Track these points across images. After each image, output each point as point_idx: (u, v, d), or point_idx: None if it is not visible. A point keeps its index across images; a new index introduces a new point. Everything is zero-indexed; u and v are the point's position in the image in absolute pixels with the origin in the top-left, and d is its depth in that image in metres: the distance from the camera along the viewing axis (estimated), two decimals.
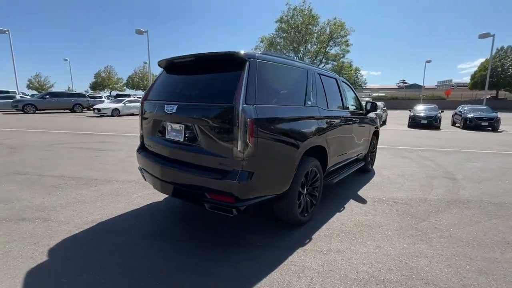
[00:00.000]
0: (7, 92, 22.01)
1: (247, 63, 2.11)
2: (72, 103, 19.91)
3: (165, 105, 2.45)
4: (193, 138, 2.27)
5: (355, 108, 4.31)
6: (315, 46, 19.02)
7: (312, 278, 1.96)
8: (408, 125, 14.93)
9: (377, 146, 5.54)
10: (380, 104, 16.29)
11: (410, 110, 16.01)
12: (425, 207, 3.39)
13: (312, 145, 2.71)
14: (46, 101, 18.69)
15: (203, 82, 2.38)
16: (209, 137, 2.15)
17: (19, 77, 70.29)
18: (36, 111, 18.07)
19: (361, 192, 3.90)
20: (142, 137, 2.87)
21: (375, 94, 45.98)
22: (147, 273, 1.95)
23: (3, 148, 6.27)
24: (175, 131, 2.41)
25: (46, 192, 3.50)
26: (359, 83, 31.67)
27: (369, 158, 4.93)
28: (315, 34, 18.33)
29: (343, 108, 3.65)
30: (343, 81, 3.97)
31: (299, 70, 2.76)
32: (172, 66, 2.63)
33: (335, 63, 20.28)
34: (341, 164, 3.71)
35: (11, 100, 18.44)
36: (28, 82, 44.29)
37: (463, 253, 2.33)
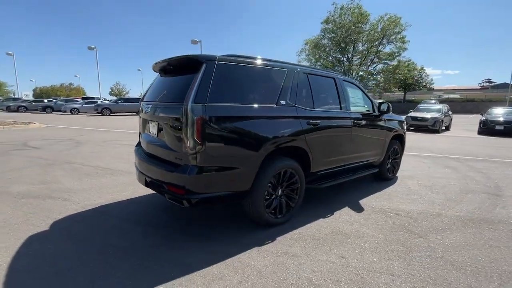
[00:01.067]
0: (93, 98, 26.86)
1: (204, 65, 2.24)
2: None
3: (147, 105, 2.77)
4: (161, 134, 2.51)
5: (364, 109, 3.97)
6: (365, 45, 17.71)
7: (249, 275, 1.95)
8: (478, 131, 12.64)
9: (417, 154, 4.94)
10: (441, 106, 14.21)
11: (482, 114, 13.52)
12: (432, 223, 2.93)
13: (284, 146, 2.66)
14: (119, 105, 22.12)
15: (172, 83, 2.61)
16: (169, 133, 2.35)
17: (105, 85, 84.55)
18: (111, 114, 21.53)
19: (364, 200, 3.57)
20: (139, 134, 3.27)
21: (446, 96, 39.86)
22: (114, 247, 2.25)
23: (71, 143, 7.75)
24: (152, 128, 2.70)
25: (78, 178, 4.26)
26: (423, 84, 28.11)
27: (387, 165, 4.45)
28: (365, 33, 17.07)
29: (341, 109, 3.42)
30: (345, 81, 3.72)
31: (273, 70, 2.74)
32: (158, 69, 2.94)
33: (389, 62, 18.42)
34: (338, 169, 3.47)
35: (94, 105, 22.52)
36: (110, 89, 53.55)
37: (443, 279, 1.97)
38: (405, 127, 4.94)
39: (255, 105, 2.47)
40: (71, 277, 1.90)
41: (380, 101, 4.29)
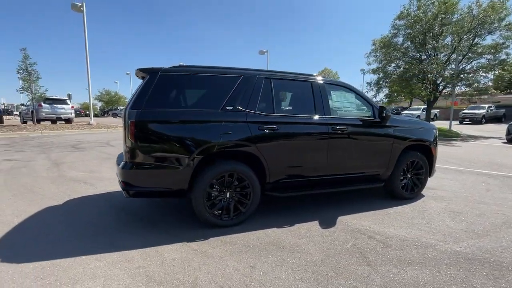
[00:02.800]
0: None
1: (147, 76, 2.60)
2: None
3: None
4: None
5: (356, 115, 3.52)
6: (453, 39, 14.55)
7: (151, 264, 2.13)
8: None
9: (488, 172, 4.00)
10: None
11: None
12: (407, 253, 2.38)
13: (227, 150, 2.72)
14: None
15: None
16: (123, 135, 2.80)
17: None
18: None
19: (346, 217, 3.15)
20: None
21: None
22: (90, 224, 2.84)
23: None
24: None
25: (111, 169, 5.33)
26: None
27: (401, 181, 3.74)
28: (452, 24, 14.00)
29: (316, 115, 3.15)
30: (331, 84, 3.41)
31: (222, 77, 2.84)
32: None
33: (489, 56, 14.41)
34: (315, 179, 3.20)
35: None
36: None
37: None
38: (435, 137, 4.01)
39: (194, 110, 2.66)
40: (52, 236, 2.54)
41: (381, 105, 3.67)
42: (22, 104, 17.92)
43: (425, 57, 15.77)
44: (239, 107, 2.81)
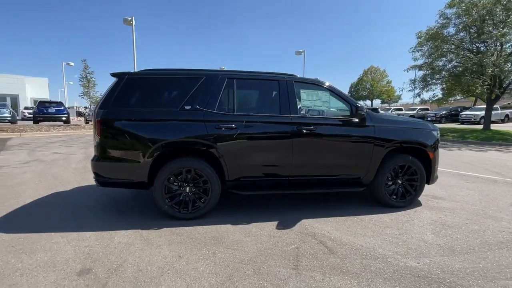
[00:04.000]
0: None
1: (115, 80, 2.93)
2: None
3: None
4: None
5: (329, 114, 3.33)
6: None
7: (96, 245, 2.42)
8: None
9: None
10: None
11: None
12: (353, 263, 2.21)
13: (183, 147, 2.89)
14: None
15: None
16: (93, 131, 3.15)
17: None
18: None
19: (309, 220, 3.02)
20: None
21: None
22: (84, 207, 3.33)
23: None
24: None
25: None
26: None
27: (389, 187, 3.40)
28: None
29: (281, 114, 3.09)
30: (303, 82, 3.30)
31: (184, 79, 3.00)
32: None
33: None
34: (281, 179, 3.15)
35: None
36: None
37: None
38: (434, 139, 3.51)
39: (154, 110, 2.89)
40: (41, 215, 3.07)
41: (360, 104, 3.37)
42: (85, 107, 21.16)
43: (483, 48, 13.59)
44: (198, 107, 2.95)
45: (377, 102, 45.68)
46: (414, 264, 2.20)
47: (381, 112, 4.39)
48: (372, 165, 3.29)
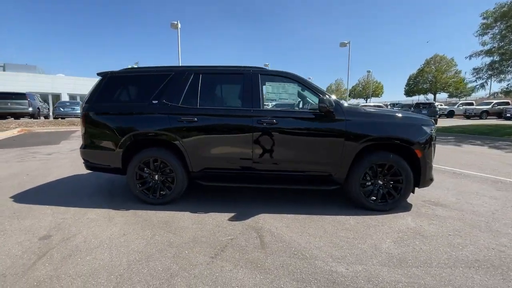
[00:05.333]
0: None
1: (100, 78, 3.36)
2: None
3: None
4: None
5: (296, 106, 3.16)
6: None
7: (68, 218, 2.87)
8: None
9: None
10: None
11: None
12: (276, 260, 2.16)
13: (149, 138, 3.16)
14: None
15: None
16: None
17: None
18: None
19: (266, 216, 2.97)
20: None
21: None
22: (83, 188, 3.96)
23: None
24: None
25: None
26: None
27: (358, 187, 3.09)
28: None
29: (243, 107, 3.09)
30: (270, 74, 3.22)
31: (155, 75, 3.25)
32: None
33: None
34: (237, 171, 3.18)
35: None
36: None
37: None
38: (425, 135, 3.01)
39: (127, 104, 3.23)
40: (54, 191, 3.77)
41: (330, 97, 3.09)
42: None
43: None
44: (164, 101, 3.18)
45: (442, 96, 39.68)
46: (341, 269, 2.01)
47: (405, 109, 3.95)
48: (343, 162, 3.04)
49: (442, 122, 18.84)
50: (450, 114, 26.61)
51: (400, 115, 3.14)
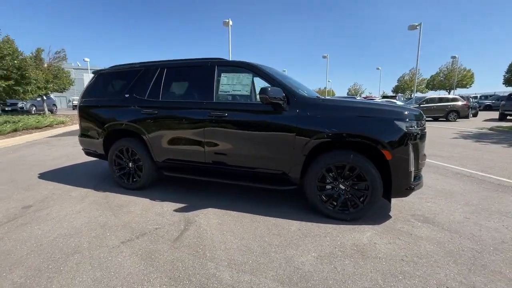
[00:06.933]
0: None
1: (93, 75, 3.84)
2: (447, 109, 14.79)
3: None
4: None
5: (246, 98, 2.94)
6: None
7: (53, 194, 3.43)
8: None
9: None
10: None
11: None
12: (178, 252, 2.14)
13: (121, 128, 3.46)
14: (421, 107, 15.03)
15: None
16: None
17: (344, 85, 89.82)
18: None
19: (216, 210, 2.92)
20: None
21: None
22: (87, 175, 4.67)
23: None
24: None
25: None
26: None
27: (312, 190, 2.70)
28: None
29: (198, 99, 3.07)
30: (227, 65, 3.07)
31: (131, 71, 3.49)
32: None
33: None
34: (195, 164, 3.18)
35: None
36: (347, 90, 58.19)
37: None
38: (396, 132, 2.36)
39: (107, 98, 3.60)
40: (66, 175, 4.57)
41: (283, 88, 2.70)
42: None
43: None
44: (134, 95, 3.43)
45: None
46: (224, 276, 1.85)
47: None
48: (295, 160, 2.70)
49: None
50: None
51: (369, 107, 2.57)
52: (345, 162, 2.55)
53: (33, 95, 10.64)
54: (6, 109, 16.73)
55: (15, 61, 8.81)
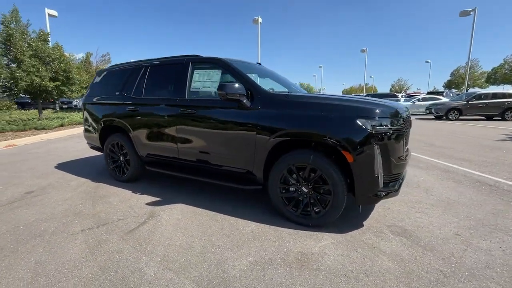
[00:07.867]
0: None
1: (96, 75, 4.17)
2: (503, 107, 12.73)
3: None
4: None
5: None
6: None
7: (56, 182, 3.82)
8: None
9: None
10: None
11: None
12: (121, 245, 2.24)
13: (111, 124, 3.71)
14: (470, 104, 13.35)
15: None
16: None
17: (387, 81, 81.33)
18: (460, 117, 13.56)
19: (183, 206, 2.96)
20: None
21: None
22: (91, 168, 5.11)
23: None
24: None
25: None
26: None
27: (275, 191, 2.56)
28: None
29: (172, 96, 3.13)
30: (196, 61, 3.06)
31: (124, 70, 3.70)
32: None
33: None
34: (171, 160, 3.26)
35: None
36: (391, 86, 53.06)
37: None
38: (358, 132, 2.07)
39: (102, 96, 3.88)
40: (73, 166, 5.07)
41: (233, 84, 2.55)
42: None
43: None
44: (123, 92, 3.63)
45: None
46: (148, 271, 1.85)
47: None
48: (256, 159, 2.59)
49: None
50: None
51: (332, 103, 2.32)
52: (306, 163, 2.35)
53: (78, 94, 12.06)
54: (64, 106, 19.28)
55: (62, 64, 10.03)
